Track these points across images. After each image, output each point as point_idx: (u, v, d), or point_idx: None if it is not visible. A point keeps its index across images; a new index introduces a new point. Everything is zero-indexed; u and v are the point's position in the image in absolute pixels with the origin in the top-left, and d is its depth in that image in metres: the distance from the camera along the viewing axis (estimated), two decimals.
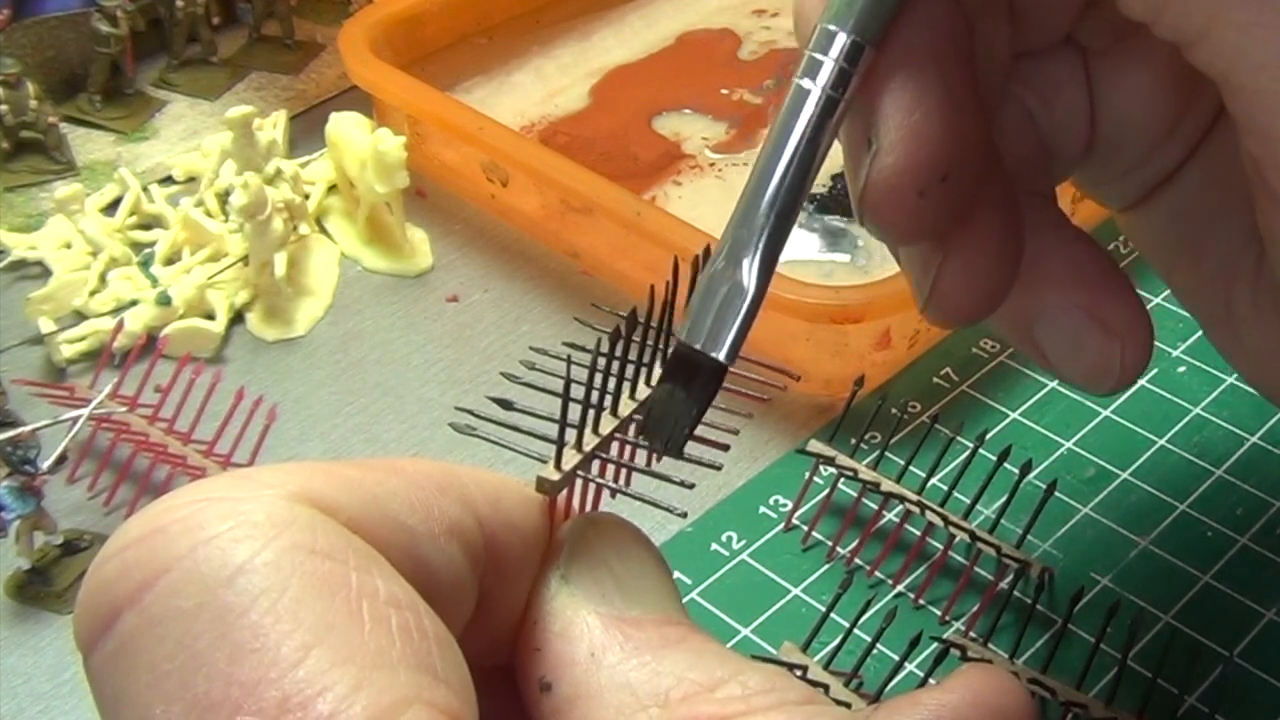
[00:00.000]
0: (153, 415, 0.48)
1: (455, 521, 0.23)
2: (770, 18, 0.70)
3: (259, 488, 0.21)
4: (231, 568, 0.19)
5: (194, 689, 0.19)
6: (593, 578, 0.24)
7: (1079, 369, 0.34)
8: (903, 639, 0.39)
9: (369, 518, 0.21)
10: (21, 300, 0.54)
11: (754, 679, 0.22)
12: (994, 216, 0.31)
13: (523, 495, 0.25)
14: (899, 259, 0.35)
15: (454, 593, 0.22)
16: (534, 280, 0.57)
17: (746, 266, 0.28)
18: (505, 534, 0.24)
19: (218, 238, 0.57)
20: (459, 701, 0.20)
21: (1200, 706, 0.40)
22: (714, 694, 0.22)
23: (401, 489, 0.22)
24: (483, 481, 0.24)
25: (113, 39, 0.64)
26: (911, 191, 0.29)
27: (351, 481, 0.22)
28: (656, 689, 0.22)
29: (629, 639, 0.23)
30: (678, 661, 0.23)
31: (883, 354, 0.50)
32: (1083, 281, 0.33)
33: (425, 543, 0.22)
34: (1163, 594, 0.44)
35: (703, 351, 0.27)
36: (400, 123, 0.60)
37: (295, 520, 0.20)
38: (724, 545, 0.45)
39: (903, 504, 0.45)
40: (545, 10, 0.69)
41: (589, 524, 0.25)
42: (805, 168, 0.28)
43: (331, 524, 0.20)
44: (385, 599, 0.20)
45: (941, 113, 0.29)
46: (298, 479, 0.21)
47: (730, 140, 0.62)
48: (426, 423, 0.50)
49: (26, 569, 0.45)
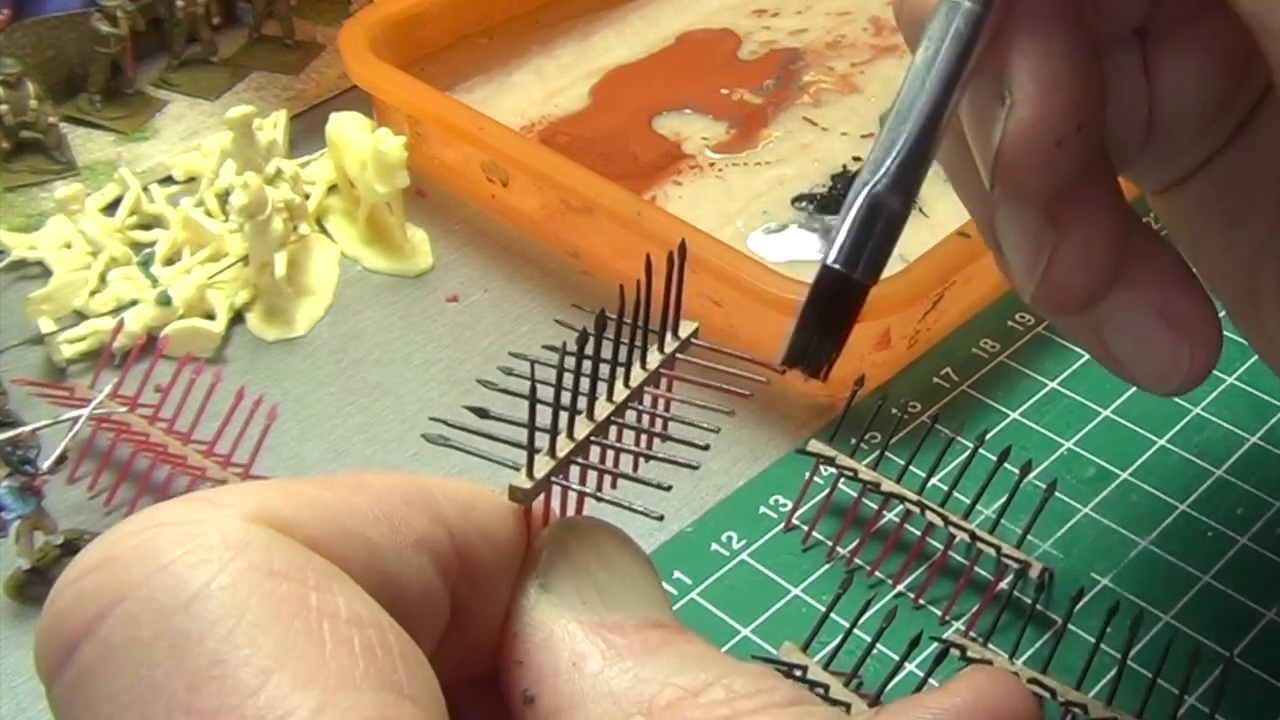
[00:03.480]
0: (153, 415, 0.48)
1: (423, 533, 0.22)
2: (770, 18, 0.70)
3: (215, 509, 0.20)
4: (187, 594, 0.19)
5: (154, 719, 0.18)
6: (572, 584, 0.24)
7: (1147, 369, 0.34)
8: (903, 639, 0.39)
9: (329, 534, 0.21)
10: (21, 300, 0.54)
11: (739, 682, 0.22)
12: (1104, 195, 0.31)
13: (497, 503, 0.24)
14: (1002, 250, 0.34)
15: (425, 605, 0.22)
16: (534, 280, 0.57)
17: (892, 185, 0.27)
18: (478, 543, 0.23)
19: (218, 238, 0.57)
20: (426, 718, 0.19)
21: (1200, 706, 0.40)
22: (698, 699, 0.22)
23: (364, 504, 0.22)
24: (454, 491, 0.24)
25: (113, 39, 0.64)
26: (1050, 142, 0.29)
27: (311, 499, 0.21)
28: (640, 696, 0.22)
29: (611, 646, 0.23)
30: (661, 666, 0.22)
31: (883, 354, 0.50)
32: (1153, 279, 0.33)
33: (391, 556, 0.21)
34: (1163, 594, 0.44)
35: (844, 272, 0.27)
36: (400, 123, 0.60)
37: (251, 541, 0.20)
38: (724, 545, 0.45)
39: (903, 504, 0.45)
40: (545, 10, 0.69)
41: (567, 529, 0.25)
42: (952, 83, 0.28)
43: (289, 543, 0.20)
44: (347, 618, 0.19)
45: (1075, 61, 0.29)
46: (254, 499, 0.21)
47: (730, 140, 0.62)
48: (426, 423, 0.50)
49: (26, 569, 0.45)
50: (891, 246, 0.28)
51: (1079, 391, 0.50)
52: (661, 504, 0.25)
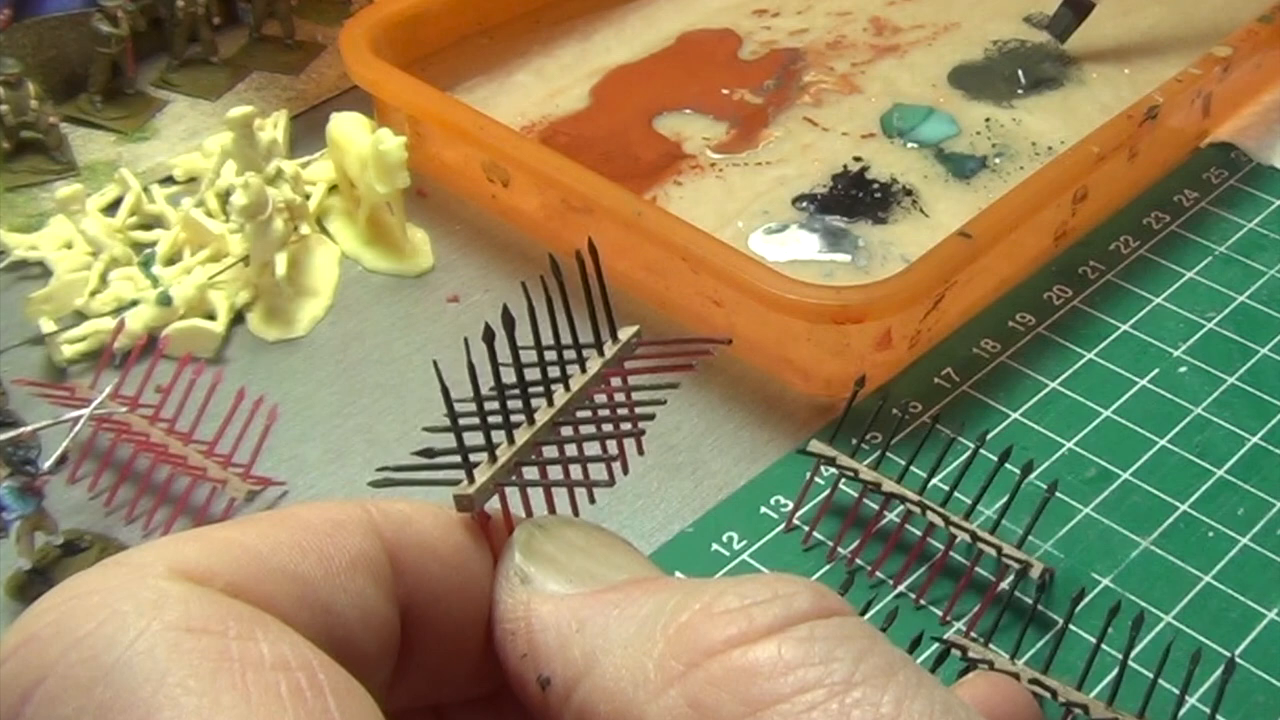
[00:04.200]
0: (153, 415, 0.48)
1: (357, 553, 0.22)
2: (770, 18, 0.70)
3: (130, 572, 0.20)
4: (106, 664, 0.19)
5: None
6: (554, 567, 0.24)
7: None
8: (904, 639, 0.39)
9: (250, 577, 0.21)
10: (22, 300, 0.54)
11: (750, 588, 0.21)
12: None
13: (437, 516, 0.24)
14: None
15: (369, 627, 0.22)
16: (534, 280, 0.56)
17: None
18: (420, 556, 0.23)
19: (218, 238, 0.56)
20: None
21: (1201, 707, 0.40)
22: (712, 609, 0.21)
23: (287, 537, 0.22)
24: (388, 508, 0.23)
25: (113, 39, 0.64)
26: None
27: (228, 543, 0.21)
28: (650, 633, 0.22)
29: (606, 603, 0.23)
30: (663, 600, 0.22)
31: (884, 354, 0.50)
32: None
33: (324, 585, 0.21)
34: (1164, 594, 0.44)
35: None
36: (401, 123, 0.60)
37: (166, 600, 0.19)
38: (725, 545, 0.45)
39: (904, 504, 0.45)
40: (545, 10, 0.69)
41: (536, 527, 0.25)
42: None
43: (207, 594, 0.20)
44: (271, 663, 0.19)
45: None
46: (169, 553, 0.20)
47: (730, 140, 0.62)
48: (427, 423, 0.50)
49: (27, 569, 0.45)
50: None
51: (1080, 392, 0.50)
52: (662, 505, 0.24)
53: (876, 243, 0.56)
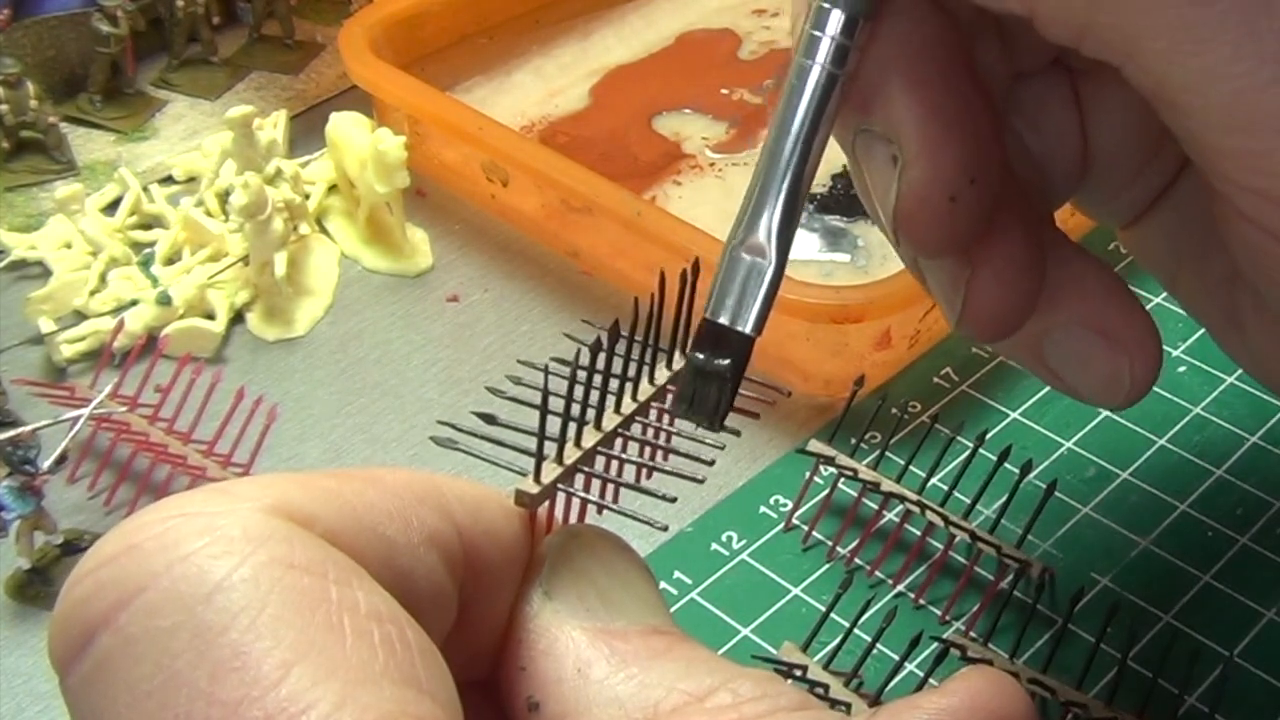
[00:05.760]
0: (153, 415, 0.48)
1: (434, 531, 0.22)
2: (770, 18, 0.70)
3: (235, 501, 0.20)
4: (209, 585, 0.19)
5: (174, 709, 0.18)
6: (576, 592, 0.24)
7: (1090, 385, 0.34)
8: (903, 639, 0.39)
9: (347, 529, 0.21)
10: (21, 300, 0.54)
11: (745, 686, 0.22)
12: (1015, 227, 0.32)
13: (504, 506, 0.24)
14: (927, 284, 0.35)
15: (435, 603, 0.22)
16: (534, 280, 0.57)
17: (765, 239, 0.29)
18: (485, 544, 0.23)
19: (218, 238, 0.57)
20: (445, 715, 0.19)
21: (1200, 706, 0.40)
22: (704, 703, 0.22)
23: (379, 499, 0.22)
24: (463, 491, 0.24)
25: (113, 39, 0.64)
26: (943, 199, 0.29)
27: (329, 492, 0.21)
28: (645, 701, 0.22)
29: (615, 652, 0.23)
30: (666, 672, 0.22)
31: (883, 354, 0.50)
32: (1088, 298, 0.34)
33: (404, 553, 0.22)
34: (1163, 594, 0.44)
35: (730, 326, 0.28)
36: (400, 123, 0.60)
37: (272, 534, 0.20)
38: (724, 545, 0.45)
39: (903, 504, 0.45)
40: (545, 10, 0.69)
41: (570, 537, 0.25)
42: (809, 143, 0.29)
43: (309, 537, 0.20)
44: (366, 612, 0.19)
45: (962, 115, 0.29)
46: (274, 491, 0.21)
47: (730, 140, 0.62)
48: (426, 423, 0.50)
49: (27, 569, 0.45)
50: (762, 296, 0.29)
51: None
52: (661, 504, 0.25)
53: (876, 242, 0.56)
